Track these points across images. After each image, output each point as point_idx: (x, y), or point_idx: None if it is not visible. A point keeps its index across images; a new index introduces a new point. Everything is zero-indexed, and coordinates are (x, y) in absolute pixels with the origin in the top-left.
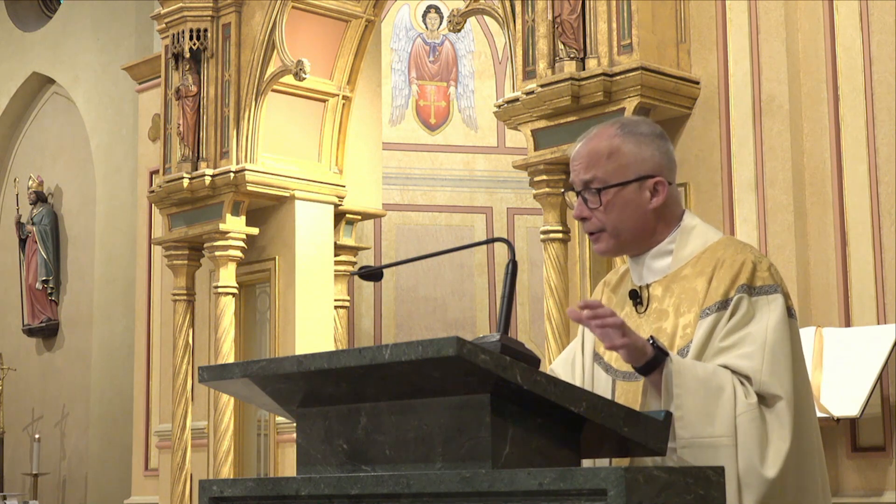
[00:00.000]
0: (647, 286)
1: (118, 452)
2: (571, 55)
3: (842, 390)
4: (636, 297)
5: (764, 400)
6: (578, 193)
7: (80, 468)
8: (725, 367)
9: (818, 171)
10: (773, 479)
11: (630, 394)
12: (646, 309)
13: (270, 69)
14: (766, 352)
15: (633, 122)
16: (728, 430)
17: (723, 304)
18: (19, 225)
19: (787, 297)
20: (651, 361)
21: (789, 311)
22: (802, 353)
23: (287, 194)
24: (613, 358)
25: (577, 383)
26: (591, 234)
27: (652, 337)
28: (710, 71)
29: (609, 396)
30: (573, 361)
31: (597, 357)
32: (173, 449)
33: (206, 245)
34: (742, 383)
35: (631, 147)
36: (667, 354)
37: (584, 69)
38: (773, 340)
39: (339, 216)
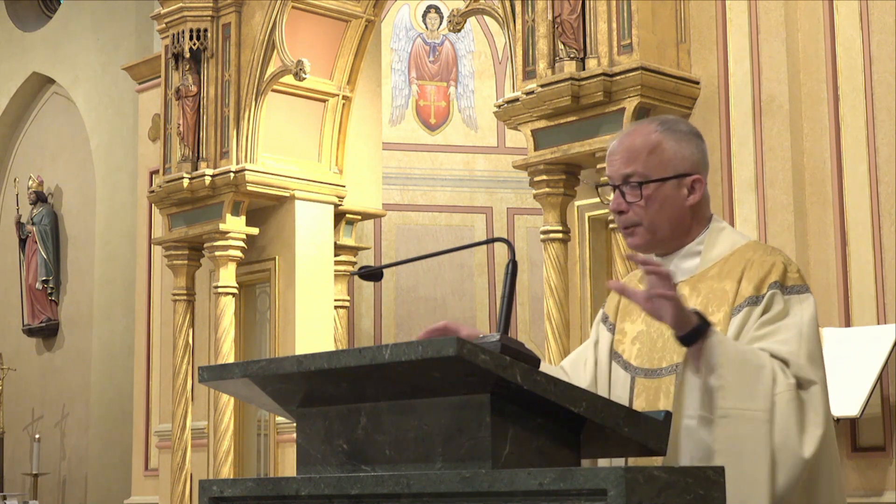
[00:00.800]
0: (675, 286)
1: (118, 452)
2: (571, 55)
3: (842, 390)
4: None
5: (800, 383)
6: (616, 188)
7: (80, 468)
8: (764, 350)
9: (818, 171)
10: (809, 460)
11: (651, 391)
12: None
13: (270, 69)
14: (802, 340)
15: (673, 121)
16: (766, 405)
17: (754, 300)
18: (19, 225)
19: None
20: (694, 331)
21: None
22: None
23: (287, 194)
24: (633, 355)
25: (586, 383)
26: (625, 228)
27: (696, 309)
28: (710, 71)
29: (627, 394)
30: (584, 363)
31: (615, 355)
32: (173, 449)
33: (206, 245)
34: (781, 367)
35: (672, 144)
36: (709, 324)
37: (584, 69)
38: (808, 333)
39: (339, 216)
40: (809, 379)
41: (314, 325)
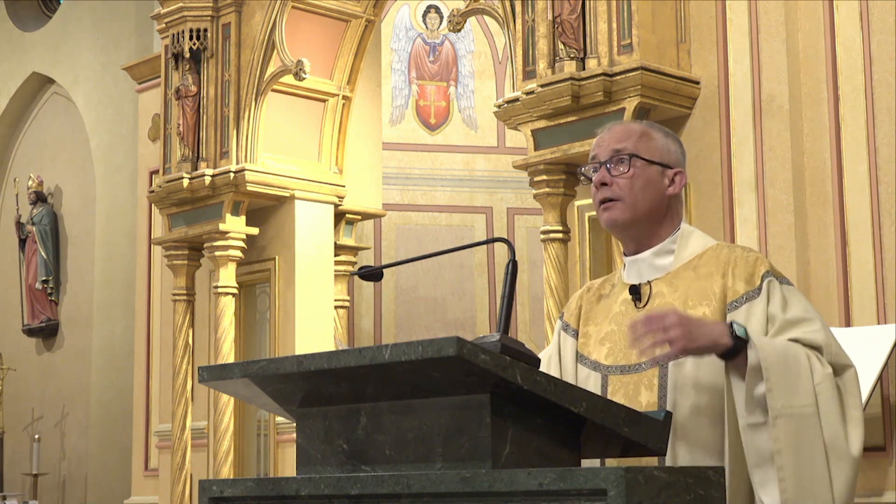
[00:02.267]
0: (649, 283)
1: (118, 452)
2: (571, 55)
3: None
4: (636, 292)
5: (836, 370)
6: (602, 164)
7: (80, 468)
8: (796, 340)
9: (818, 171)
10: (857, 457)
11: (630, 386)
12: (645, 304)
13: (270, 69)
14: (825, 327)
15: (656, 124)
16: (810, 398)
17: (752, 294)
18: (19, 225)
19: None
20: (732, 348)
21: None
22: None
23: (287, 194)
24: (603, 355)
25: None
26: (604, 202)
27: (732, 323)
28: (710, 71)
29: (599, 392)
30: (555, 372)
31: (581, 358)
32: (173, 449)
33: (206, 245)
34: (815, 355)
35: (660, 136)
36: (745, 339)
37: (584, 69)
38: (823, 321)
39: (339, 216)
40: (845, 364)
41: (314, 325)
